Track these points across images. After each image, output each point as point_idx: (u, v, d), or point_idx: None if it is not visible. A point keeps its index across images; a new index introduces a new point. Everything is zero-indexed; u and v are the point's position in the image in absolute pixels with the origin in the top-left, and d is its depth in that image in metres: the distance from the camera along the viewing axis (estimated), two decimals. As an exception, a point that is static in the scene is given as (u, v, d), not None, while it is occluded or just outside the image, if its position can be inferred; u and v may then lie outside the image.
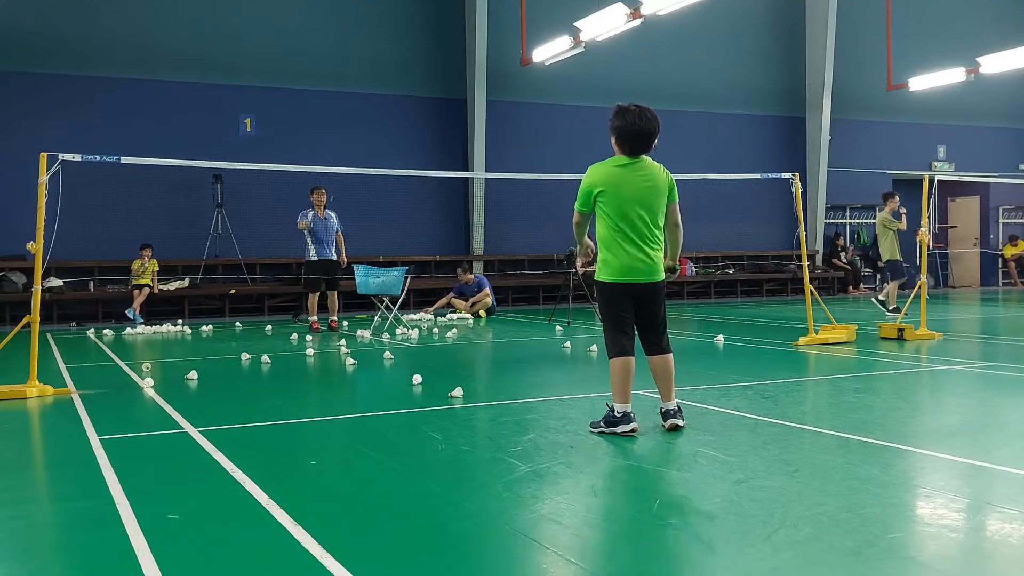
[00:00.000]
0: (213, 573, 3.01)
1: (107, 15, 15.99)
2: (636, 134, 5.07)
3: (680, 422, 5.10)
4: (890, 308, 14.02)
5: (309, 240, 12.50)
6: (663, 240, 5.19)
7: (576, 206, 5.16)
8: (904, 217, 14.18)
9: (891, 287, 14.22)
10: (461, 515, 3.62)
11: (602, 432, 5.00)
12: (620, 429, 4.94)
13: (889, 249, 14.16)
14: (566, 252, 14.04)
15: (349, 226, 16.88)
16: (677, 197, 5.21)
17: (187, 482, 4.22)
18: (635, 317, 5.14)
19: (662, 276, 5.13)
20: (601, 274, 5.11)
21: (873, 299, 14.30)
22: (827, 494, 3.76)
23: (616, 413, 4.97)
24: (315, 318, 12.66)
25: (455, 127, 18.49)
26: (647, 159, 5.17)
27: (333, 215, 12.69)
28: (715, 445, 4.71)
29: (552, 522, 3.44)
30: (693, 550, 3.15)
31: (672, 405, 5.15)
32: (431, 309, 15.24)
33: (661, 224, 5.13)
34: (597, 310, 5.33)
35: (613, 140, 5.14)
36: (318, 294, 12.72)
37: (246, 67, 16.91)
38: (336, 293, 12.86)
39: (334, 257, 12.63)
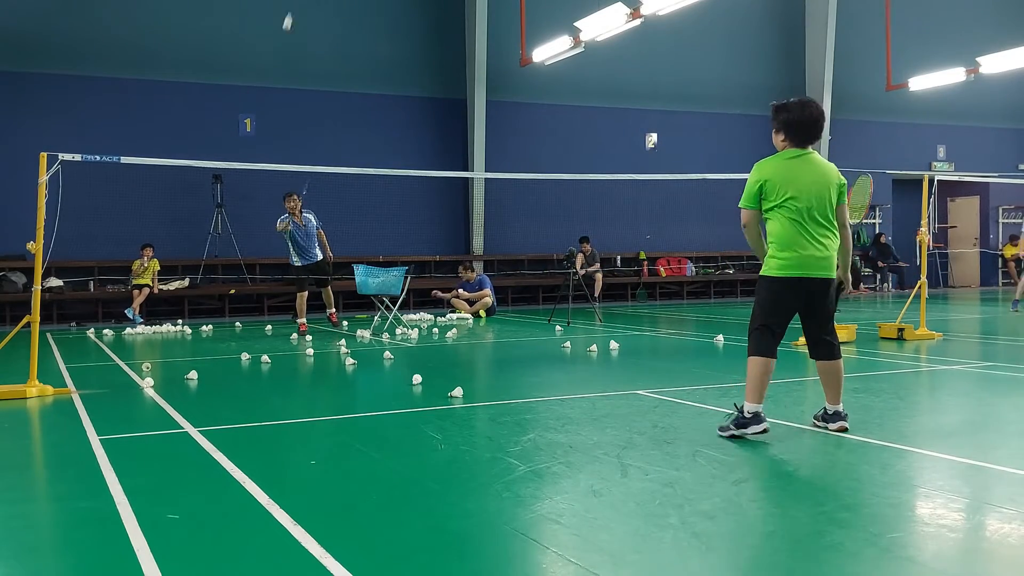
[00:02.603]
0: (213, 573, 3.01)
1: (107, 15, 16.00)
2: (805, 123, 4.92)
3: (847, 424, 4.99)
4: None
5: (291, 247, 12.41)
6: (837, 235, 4.98)
7: (742, 202, 5.01)
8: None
9: None
10: (461, 515, 3.62)
11: (732, 436, 4.82)
12: (751, 430, 4.78)
13: None
14: (566, 252, 14.04)
15: (349, 226, 16.85)
16: (847, 199, 5.01)
17: (187, 482, 4.23)
18: (804, 318, 4.97)
19: (835, 272, 4.96)
20: (770, 269, 4.93)
21: None
22: (827, 494, 3.77)
23: (747, 414, 4.81)
24: (303, 320, 12.47)
25: (455, 127, 18.49)
26: (815, 153, 5.02)
27: (311, 216, 12.51)
28: (715, 445, 4.71)
29: (552, 522, 3.44)
30: (693, 550, 3.16)
31: (840, 407, 5.03)
32: (445, 295, 15.40)
33: (833, 219, 4.93)
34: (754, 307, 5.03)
35: (780, 137, 5.00)
36: (306, 294, 12.61)
37: (246, 67, 16.91)
38: (330, 288, 12.78)
39: (320, 258, 12.54)
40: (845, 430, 4.99)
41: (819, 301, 4.93)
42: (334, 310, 12.83)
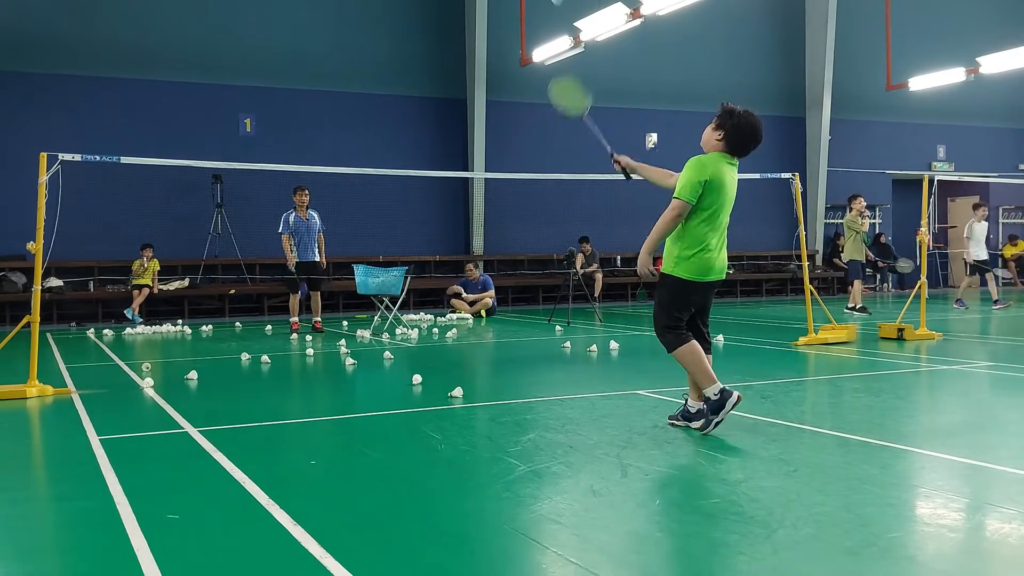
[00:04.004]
0: (213, 573, 3.01)
1: (107, 15, 16.00)
2: (750, 139, 5.00)
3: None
4: (856, 307, 14.33)
5: (292, 242, 12.41)
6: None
7: (683, 194, 4.87)
8: (867, 220, 14.83)
9: (855, 287, 14.81)
10: (461, 515, 3.62)
11: (717, 424, 4.85)
12: (728, 406, 4.83)
13: (852, 250, 14.74)
14: (566, 252, 14.04)
15: (349, 226, 16.84)
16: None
17: (187, 482, 4.23)
18: (696, 313, 5.11)
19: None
20: (680, 270, 4.95)
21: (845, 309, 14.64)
22: (826, 494, 3.77)
23: (714, 395, 4.85)
24: (296, 319, 12.48)
25: (455, 127, 18.49)
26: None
27: (315, 215, 12.47)
28: (715, 445, 4.71)
29: (552, 522, 3.44)
30: (693, 550, 3.16)
31: (702, 404, 5.13)
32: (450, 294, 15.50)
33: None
34: (657, 304, 5.08)
35: (717, 136, 4.99)
36: (300, 296, 12.62)
37: (246, 67, 16.91)
38: (319, 294, 12.75)
39: (316, 258, 12.52)
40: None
41: (712, 298, 5.17)
42: (319, 319, 12.74)
